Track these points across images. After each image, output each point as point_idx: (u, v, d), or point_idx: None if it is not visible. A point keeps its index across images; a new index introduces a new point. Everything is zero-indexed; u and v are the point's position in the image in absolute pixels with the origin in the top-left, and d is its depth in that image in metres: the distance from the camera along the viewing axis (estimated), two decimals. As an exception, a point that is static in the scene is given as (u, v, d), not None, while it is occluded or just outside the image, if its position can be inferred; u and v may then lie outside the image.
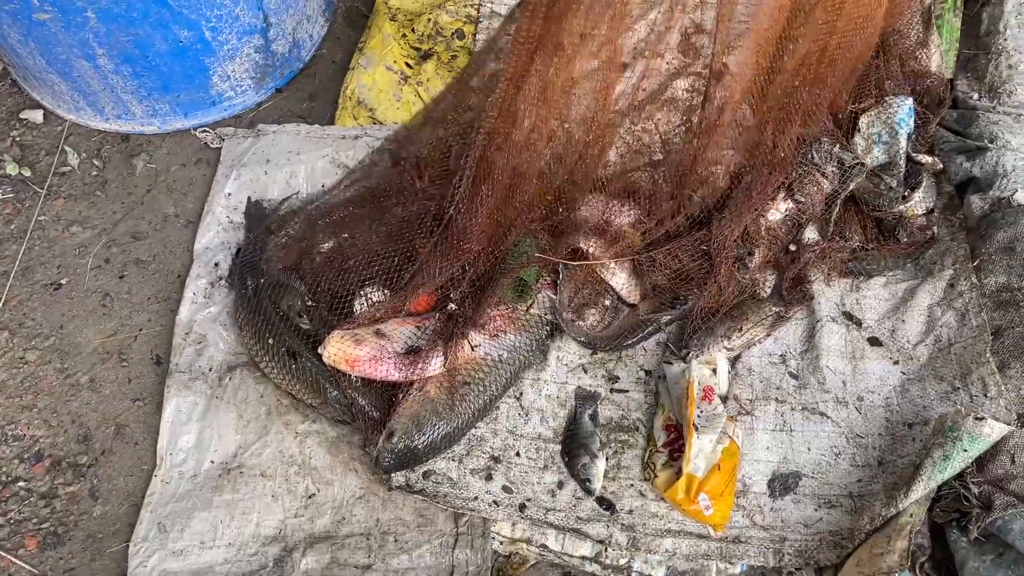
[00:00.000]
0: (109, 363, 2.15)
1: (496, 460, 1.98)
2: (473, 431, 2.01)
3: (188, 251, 2.30)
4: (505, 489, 1.95)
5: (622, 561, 1.88)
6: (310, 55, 2.61)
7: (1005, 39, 2.26)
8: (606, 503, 1.93)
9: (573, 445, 1.98)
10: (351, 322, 2.01)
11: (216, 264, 2.25)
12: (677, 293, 2.05)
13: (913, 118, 2.18)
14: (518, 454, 1.99)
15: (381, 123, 2.41)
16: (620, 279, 2.09)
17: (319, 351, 1.96)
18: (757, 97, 2.18)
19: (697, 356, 1.99)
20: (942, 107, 2.22)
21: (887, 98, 2.22)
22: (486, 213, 2.00)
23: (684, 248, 2.07)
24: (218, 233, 2.29)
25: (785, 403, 1.99)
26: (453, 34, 2.58)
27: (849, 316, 2.08)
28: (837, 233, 2.15)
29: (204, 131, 2.48)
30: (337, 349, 1.94)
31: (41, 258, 2.29)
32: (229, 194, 2.33)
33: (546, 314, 2.07)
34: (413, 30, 2.58)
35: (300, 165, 2.35)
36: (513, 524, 1.92)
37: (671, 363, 2.03)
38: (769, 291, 2.11)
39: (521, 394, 2.06)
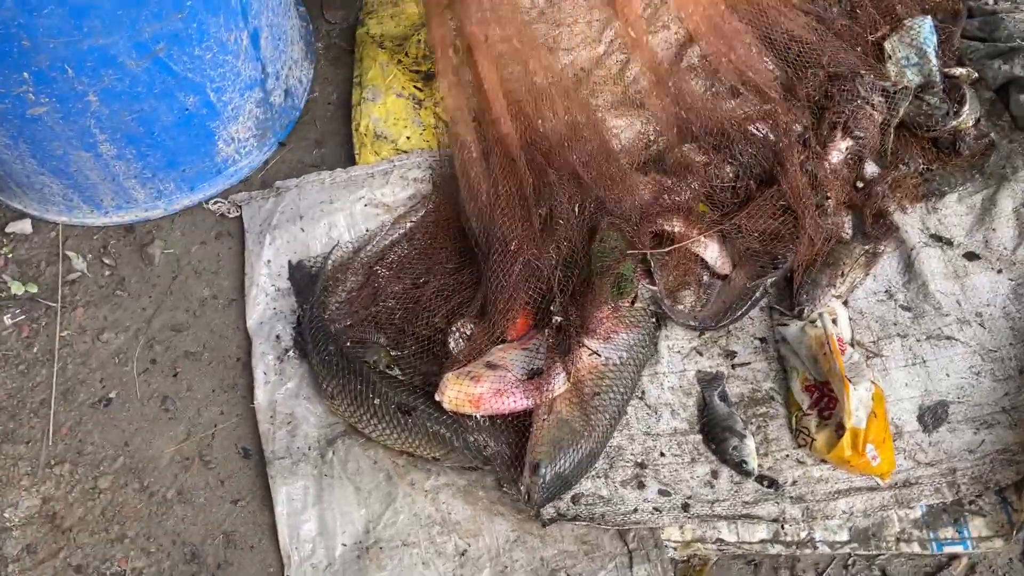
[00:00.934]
0: (192, 469, 1.95)
1: (642, 466, 1.88)
2: (611, 443, 1.90)
3: (240, 330, 2.12)
4: (662, 493, 1.85)
5: (803, 534, 1.81)
6: (303, 101, 2.45)
7: (1004, -57, 2.31)
8: (768, 480, 1.85)
9: (715, 430, 1.89)
10: (453, 362, 1.88)
11: (277, 337, 2.07)
12: (774, 254, 1.99)
13: (936, 35, 2.19)
14: (662, 454, 1.89)
15: (406, 152, 2.28)
16: (713, 250, 2.02)
17: (436, 398, 1.82)
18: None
19: (811, 311, 1.94)
20: (959, 19, 2.24)
21: (904, 21, 2.23)
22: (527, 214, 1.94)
23: (763, 208, 2.02)
24: (268, 305, 2.11)
25: (908, 337, 1.95)
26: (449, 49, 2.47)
27: (938, 238, 2.06)
28: (898, 161, 2.13)
29: (217, 202, 2.29)
30: (456, 392, 1.80)
31: (79, 376, 2.06)
32: (268, 261, 2.16)
33: (649, 305, 1.98)
34: (407, 54, 2.45)
35: (338, 214, 2.19)
36: (681, 527, 1.82)
37: (786, 324, 1.97)
38: (851, 232, 2.08)
39: (643, 393, 1.96)
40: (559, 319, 1.88)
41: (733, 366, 1.99)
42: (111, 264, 2.22)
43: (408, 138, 2.31)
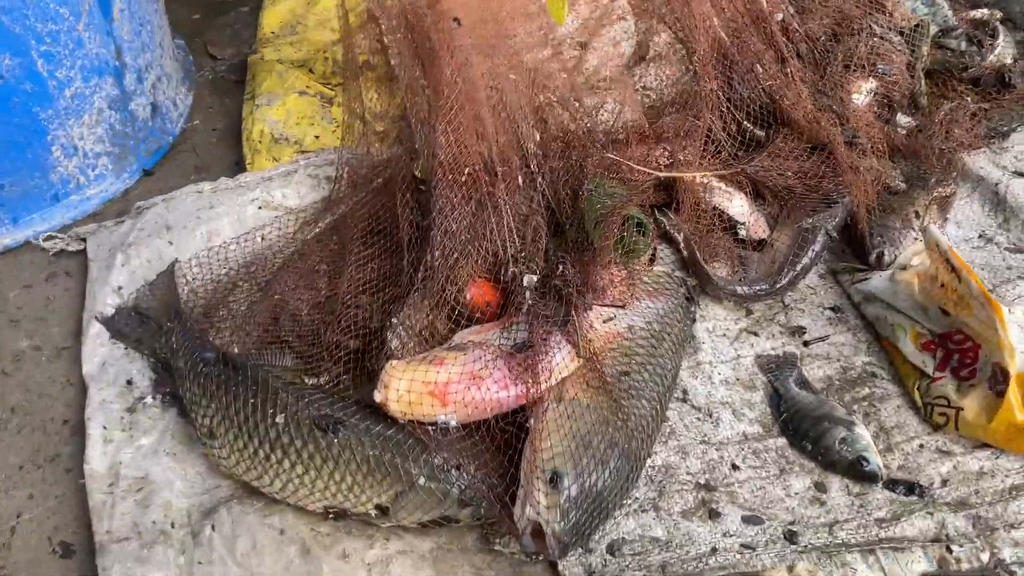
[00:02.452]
0: (-28, 586, 1.16)
1: (708, 488, 1.20)
2: (652, 463, 1.23)
3: (72, 384, 1.41)
4: (749, 521, 1.16)
5: (984, 557, 1.12)
6: (178, 127, 1.90)
7: None
8: (904, 485, 1.19)
9: (805, 425, 1.25)
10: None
11: (128, 382, 1.37)
12: (825, 192, 1.47)
13: (940, -21, 1.88)
14: (734, 467, 1.22)
15: (314, 152, 1.73)
16: (739, 203, 1.48)
17: (377, 399, 1.14)
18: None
19: (893, 254, 1.42)
20: (959, -31, 1.93)
21: (905, -27, 1.91)
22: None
23: (785, 147, 1.53)
24: (116, 344, 1.43)
25: (1033, 277, 1.41)
26: (362, 66, 2.00)
27: (1022, 174, 1.58)
28: (934, 106, 1.71)
29: (52, 238, 1.65)
30: (409, 384, 1.14)
31: None
32: (120, 288, 1.50)
33: (675, 271, 1.40)
34: (311, 71, 1.98)
35: (221, 219, 1.58)
36: (791, 568, 1.12)
37: (866, 278, 1.41)
38: (904, 183, 1.59)
39: (686, 392, 1.32)
40: (533, 278, 1.26)
41: (805, 343, 1.38)
42: None
43: (317, 137, 1.78)
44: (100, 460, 1.27)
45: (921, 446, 1.23)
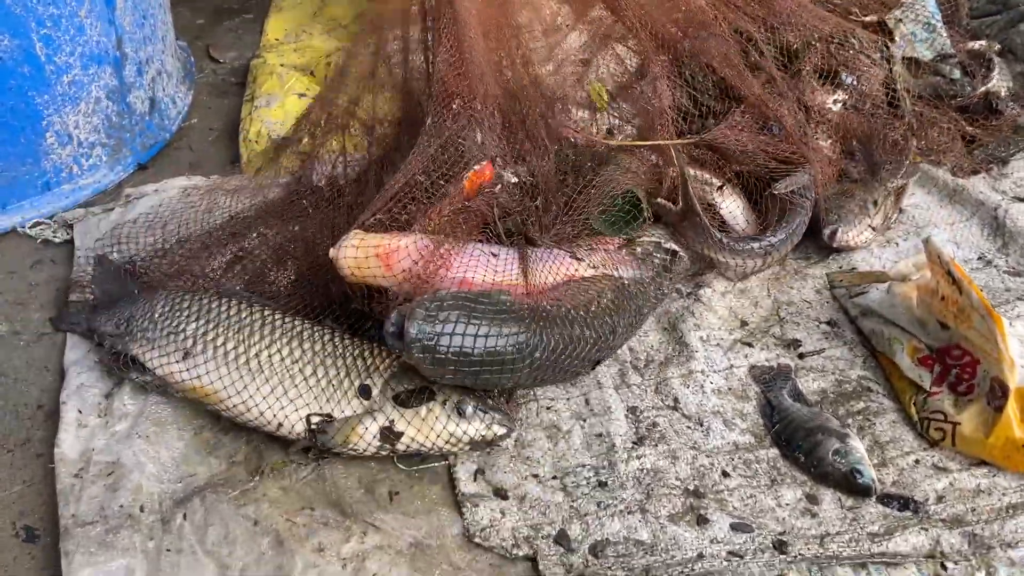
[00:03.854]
0: (-71, 568, 1.12)
1: (697, 494, 1.17)
2: (640, 465, 1.19)
3: (50, 371, 1.38)
4: (737, 528, 1.13)
5: (980, 574, 1.09)
6: (176, 124, 1.89)
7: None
8: (900, 500, 1.16)
9: (798, 436, 1.22)
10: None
11: (111, 371, 1.34)
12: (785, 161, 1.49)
13: (939, 10, 1.89)
14: (725, 474, 1.19)
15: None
16: (731, 204, 1.47)
17: (329, 253, 1.19)
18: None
19: (845, 233, 1.50)
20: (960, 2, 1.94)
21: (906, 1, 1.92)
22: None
23: (743, 119, 1.53)
24: (99, 329, 1.39)
25: (1034, 299, 1.39)
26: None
27: (1021, 199, 1.58)
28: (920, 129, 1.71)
29: (39, 224, 1.63)
30: (358, 242, 1.18)
31: None
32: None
33: (665, 241, 1.38)
34: (312, 73, 1.98)
35: (212, 214, 1.55)
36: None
37: (863, 292, 1.39)
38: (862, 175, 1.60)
39: (677, 400, 1.29)
40: (512, 178, 1.27)
41: (800, 355, 1.36)
42: None
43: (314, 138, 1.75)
44: (72, 444, 1.23)
45: (917, 461, 1.20)
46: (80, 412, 1.28)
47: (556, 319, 1.15)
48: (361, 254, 1.16)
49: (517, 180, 1.27)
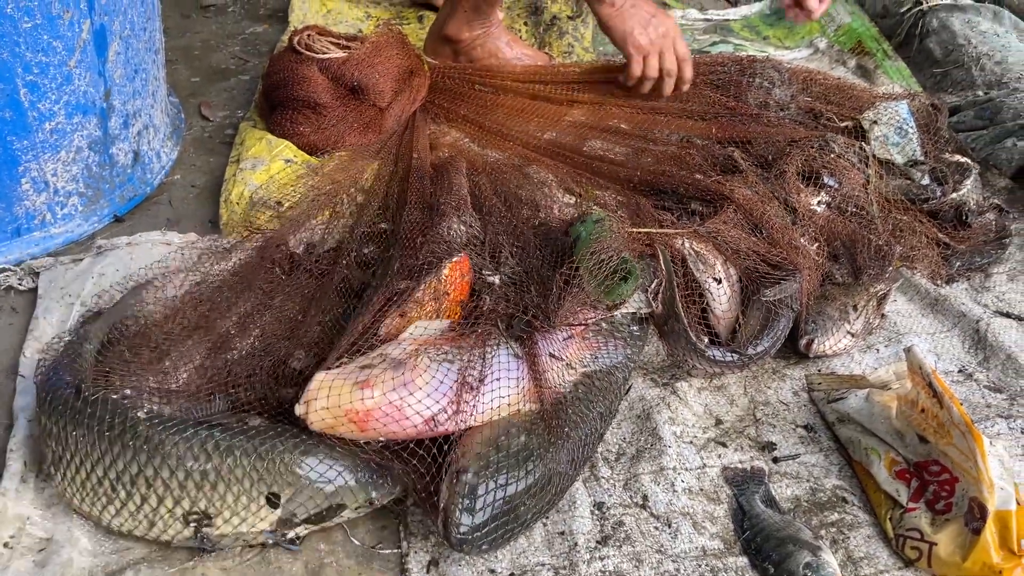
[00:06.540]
0: None
1: (660, 602, 1.11)
2: (603, 567, 1.14)
3: (-4, 419, 1.32)
4: (701, 642, 1.07)
5: None
6: (158, 179, 1.87)
7: (975, 47, 2.12)
8: (871, 620, 1.11)
9: (768, 545, 1.17)
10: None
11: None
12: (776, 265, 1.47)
13: (913, 118, 1.90)
14: (690, 583, 1.14)
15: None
16: (723, 293, 1.44)
17: (297, 412, 1.11)
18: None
19: (822, 343, 1.46)
20: (940, 113, 1.95)
21: (880, 104, 1.93)
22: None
23: (736, 217, 1.54)
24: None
25: (1015, 417, 1.36)
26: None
27: (1007, 314, 1.56)
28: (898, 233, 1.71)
29: (6, 271, 1.59)
30: (327, 402, 1.09)
31: None
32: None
33: (641, 308, 1.35)
34: (303, 141, 1.97)
35: (180, 275, 1.52)
36: None
37: (843, 397, 1.35)
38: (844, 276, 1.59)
39: (646, 498, 1.24)
40: (496, 280, 1.24)
41: (775, 460, 1.31)
42: None
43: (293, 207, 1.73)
44: (12, 503, 1.16)
45: (892, 581, 1.15)
46: (25, 464, 1.22)
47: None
48: (330, 416, 1.09)
49: (499, 281, 1.24)
